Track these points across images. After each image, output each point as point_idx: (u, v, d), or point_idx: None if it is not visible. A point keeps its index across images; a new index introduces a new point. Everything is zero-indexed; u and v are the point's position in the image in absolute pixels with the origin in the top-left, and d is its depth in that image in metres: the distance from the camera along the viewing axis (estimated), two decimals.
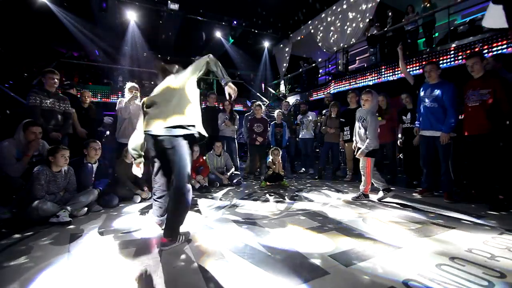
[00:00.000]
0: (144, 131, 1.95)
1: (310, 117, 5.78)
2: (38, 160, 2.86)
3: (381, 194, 3.23)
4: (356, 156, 3.23)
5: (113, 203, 3.06)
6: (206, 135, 2.00)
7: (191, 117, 1.90)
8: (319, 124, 5.63)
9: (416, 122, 3.62)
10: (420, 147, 3.48)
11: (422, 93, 3.35)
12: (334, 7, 9.25)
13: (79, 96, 4.46)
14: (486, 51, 4.75)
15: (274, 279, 1.42)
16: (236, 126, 5.21)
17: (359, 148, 3.29)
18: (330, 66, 9.65)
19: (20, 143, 2.82)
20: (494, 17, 3.06)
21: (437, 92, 3.18)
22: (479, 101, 2.89)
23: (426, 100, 3.27)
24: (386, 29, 7.28)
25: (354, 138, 3.56)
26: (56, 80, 3.42)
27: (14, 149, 2.77)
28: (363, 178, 3.31)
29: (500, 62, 3.22)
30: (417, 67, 5.88)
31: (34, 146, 2.86)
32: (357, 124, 3.41)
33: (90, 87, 8.21)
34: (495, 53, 4.55)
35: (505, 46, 4.57)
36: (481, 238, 1.96)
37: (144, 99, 2.02)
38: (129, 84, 4.00)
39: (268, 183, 4.32)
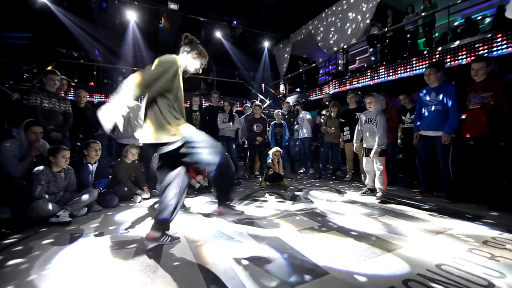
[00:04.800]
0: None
1: (308, 116, 5.77)
2: (39, 160, 2.86)
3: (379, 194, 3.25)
4: (371, 158, 3.29)
5: (113, 203, 3.07)
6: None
7: None
8: (318, 123, 5.61)
9: (414, 125, 3.58)
10: (418, 147, 3.47)
11: (426, 98, 3.34)
12: (334, 7, 9.23)
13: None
14: (485, 51, 4.75)
15: (274, 279, 1.42)
16: (236, 125, 5.21)
17: (369, 149, 3.38)
18: (330, 66, 9.65)
19: (22, 143, 2.82)
20: None
21: (440, 95, 3.19)
22: (480, 104, 2.89)
23: (431, 105, 3.26)
24: (386, 29, 7.28)
25: (355, 141, 3.71)
26: (56, 81, 3.42)
27: (16, 149, 2.77)
28: (378, 178, 3.27)
29: (498, 62, 3.24)
30: (419, 67, 5.87)
31: (37, 146, 2.86)
32: (365, 126, 3.50)
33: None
34: (495, 54, 4.56)
35: (504, 46, 4.56)
36: (481, 238, 1.96)
37: None
38: None
39: (268, 183, 4.32)
